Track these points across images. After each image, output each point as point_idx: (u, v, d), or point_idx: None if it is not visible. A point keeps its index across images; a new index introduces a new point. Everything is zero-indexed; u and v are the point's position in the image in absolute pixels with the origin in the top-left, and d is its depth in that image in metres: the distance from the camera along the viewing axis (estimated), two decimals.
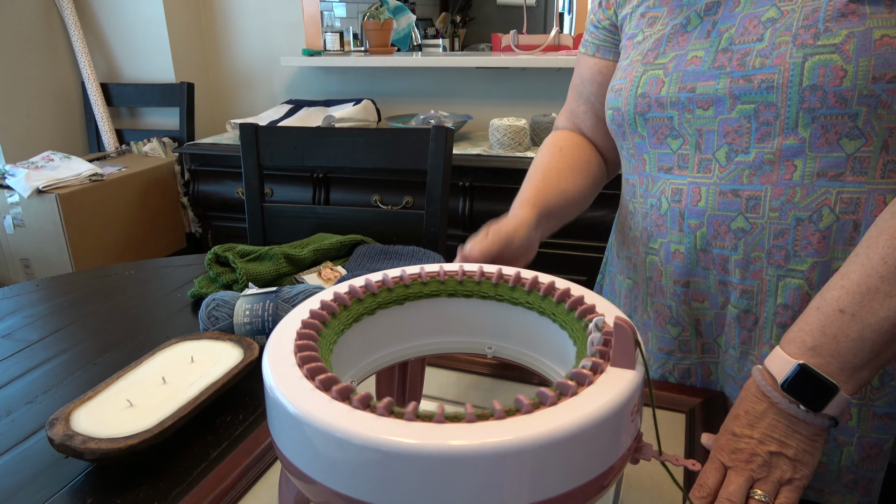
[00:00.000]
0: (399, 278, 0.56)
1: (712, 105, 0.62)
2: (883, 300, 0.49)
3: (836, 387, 0.51)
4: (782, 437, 0.52)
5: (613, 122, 0.73)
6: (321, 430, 0.38)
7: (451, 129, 1.18)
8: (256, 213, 1.27)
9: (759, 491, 0.52)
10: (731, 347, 0.68)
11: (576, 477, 0.39)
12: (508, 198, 1.98)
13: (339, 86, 2.30)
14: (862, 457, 0.62)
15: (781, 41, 0.57)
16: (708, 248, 0.65)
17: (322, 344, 0.48)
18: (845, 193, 0.58)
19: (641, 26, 0.70)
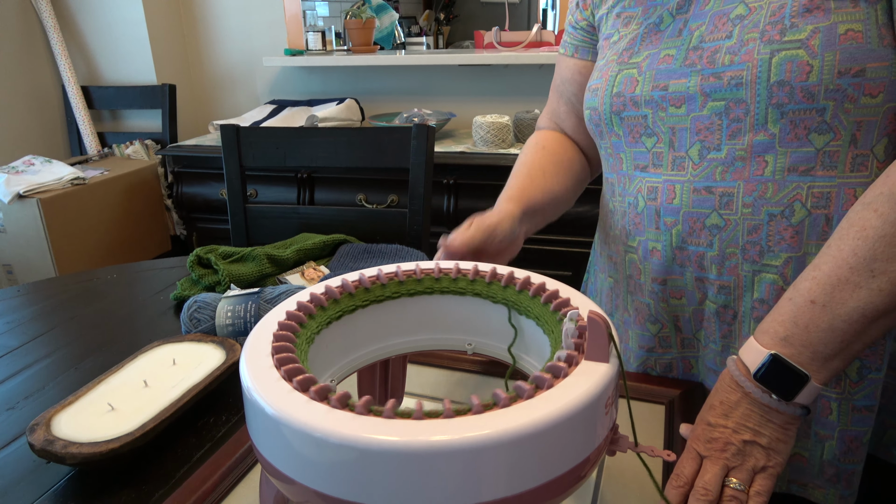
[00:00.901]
0: (376, 277, 0.56)
1: (684, 103, 0.62)
2: (853, 291, 0.50)
3: (808, 376, 0.51)
4: (756, 426, 0.53)
5: (591, 122, 0.73)
6: (299, 429, 0.38)
7: (433, 126, 1.19)
8: (239, 214, 1.27)
9: (734, 479, 0.52)
10: (711, 342, 0.68)
11: (552, 468, 0.40)
12: (493, 194, 1.99)
13: (322, 85, 2.29)
14: (843, 450, 0.63)
15: (749, 38, 0.57)
16: (684, 245, 0.66)
17: (299, 345, 0.48)
18: (816, 188, 0.58)
19: (617, 26, 0.71)
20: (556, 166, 0.79)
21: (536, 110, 1.96)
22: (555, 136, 0.85)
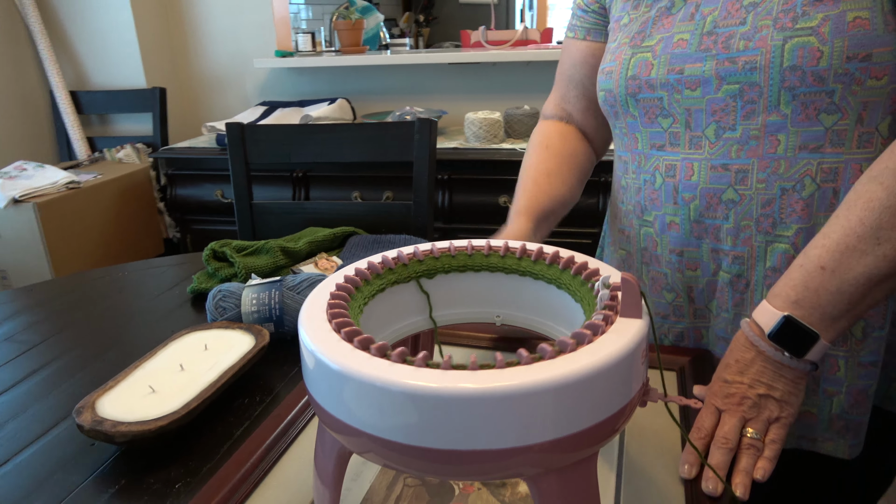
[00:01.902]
0: (412, 255, 0.60)
1: (700, 86, 0.67)
2: (860, 258, 0.55)
3: (818, 335, 0.56)
4: (769, 381, 0.57)
5: (606, 103, 0.77)
6: (366, 382, 0.42)
7: (435, 121, 1.22)
8: (245, 211, 1.29)
9: (750, 430, 0.57)
10: (723, 311, 0.73)
11: (595, 415, 0.44)
12: (487, 189, 2.05)
13: (313, 86, 2.32)
14: (850, 403, 0.68)
15: (763, 24, 0.62)
16: (701, 219, 0.70)
17: (351, 313, 0.52)
18: (825, 164, 0.63)
19: (627, 9, 0.75)
20: (560, 166, 0.83)
21: (526, 106, 2.01)
22: (559, 131, 0.87)
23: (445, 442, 0.42)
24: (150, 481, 0.61)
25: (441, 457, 0.43)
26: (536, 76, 2.13)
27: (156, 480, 0.61)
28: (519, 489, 0.57)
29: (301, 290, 0.86)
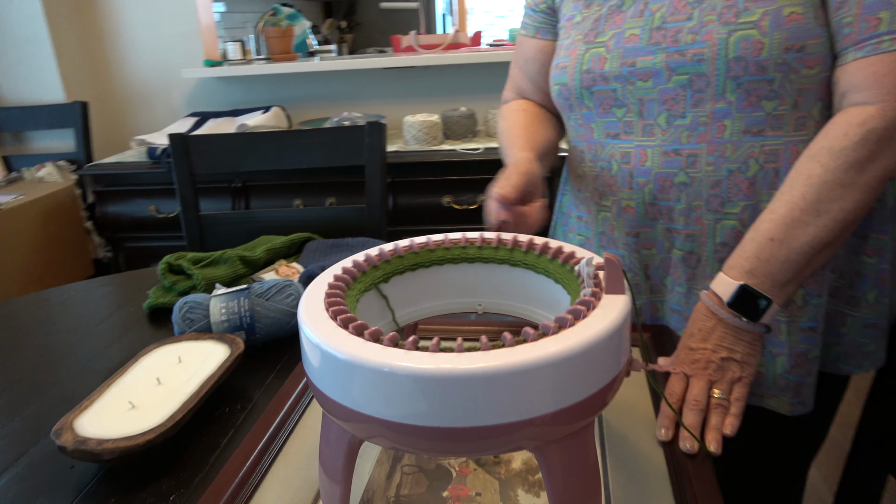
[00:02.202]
0: (394, 251, 0.62)
1: (651, 77, 0.72)
2: (804, 228, 0.61)
3: (770, 300, 0.62)
4: (730, 345, 0.63)
5: (560, 97, 0.82)
6: (379, 369, 0.44)
7: (384, 124, 1.24)
8: (193, 223, 1.27)
9: (716, 391, 0.62)
10: (677, 286, 0.78)
11: (590, 386, 0.47)
12: (430, 190, 2.08)
13: (244, 95, 2.28)
14: (792, 364, 0.74)
15: (708, 19, 0.67)
16: (655, 201, 0.75)
17: (349, 306, 0.53)
18: (767, 146, 0.69)
19: (579, 8, 0.80)
20: (541, 121, 0.87)
21: (462, 108, 2.05)
22: (527, 102, 0.92)
23: (454, 420, 0.44)
24: (142, 496, 0.60)
25: (450, 435, 0.45)
26: (470, 78, 2.18)
27: (148, 495, 0.61)
28: (512, 466, 0.60)
29: (270, 297, 0.87)
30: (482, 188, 1.85)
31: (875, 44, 0.61)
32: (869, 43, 0.62)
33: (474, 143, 1.95)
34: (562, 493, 0.48)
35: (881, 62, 0.61)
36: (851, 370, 0.79)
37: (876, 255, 0.74)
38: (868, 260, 0.74)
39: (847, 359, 0.78)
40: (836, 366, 0.78)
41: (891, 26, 0.60)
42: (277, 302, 0.86)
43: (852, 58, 0.63)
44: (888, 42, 0.61)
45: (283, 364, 0.83)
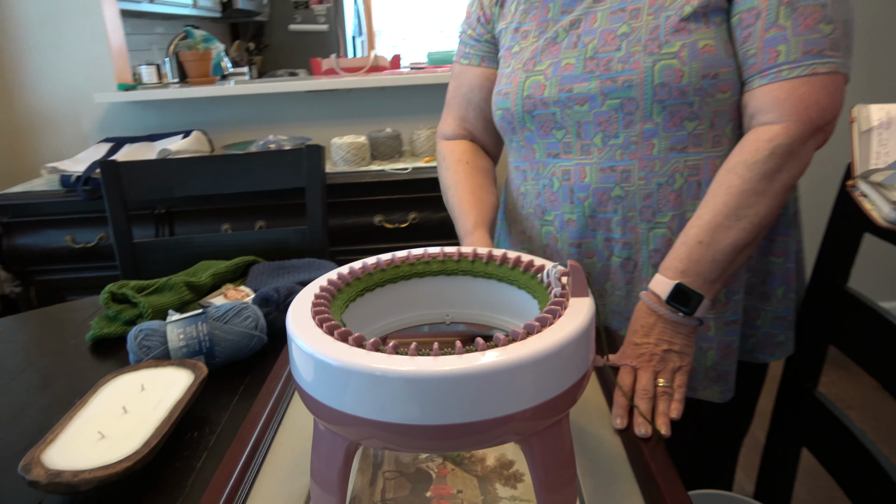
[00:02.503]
0: (375, 264, 0.66)
1: (587, 101, 0.79)
2: (727, 232, 0.70)
3: (702, 296, 0.70)
4: (670, 338, 0.71)
5: (503, 120, 0.88)
6: (371, 374, 0.47)
7: (322, 147, 1.27)
8: (127, 251, 1.24)
9: (661, 380, 0.70)
10: (617, 290, 0.86)
11: (565, 382, 0.53)
12: (360, 210, 2.12)
13: (159, 119, 2.22)
14: (720, 356, 0.84)
15: (635, 50, 0.76)
16: (594, 214, 0.83)
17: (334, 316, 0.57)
18: (690, 161, 0.78)
19: (517, 39, 0.87)
20: (485, 179, 0.93)
21: (388, 129, 2.10)
22: (467, 146, 0.98)
23: (446, 418, 0.48)
24: None
25: (442, 432, 0.49)
26: (393, 100, 2.23)
27: None
28: (487, 463, 0.65)
29: (228, 320, 0.87)
30: (412, 207, 1.90)
31: (776, 72, 0.72)
32: (771, 72, 0.72)
33: (401, 163, 2.00)
34: (544, 478, 0.54)
35: (781, 88, 0.71)
36: (767, 358, 0.89)
37: (782, 256, 0.84)
38: (776, 260, 0.84)
39: (762, 348, 0.88)
40: (754, 355, 0.89)
41: (788, 57, 0.71)
42: (236, 325, 0.87)
43: (758, 84, 0.73)
44: (786, 71, 0.71)
45: (245, 385, 0.84)
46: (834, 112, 0.72)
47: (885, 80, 2.21)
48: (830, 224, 0.87)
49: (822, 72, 0.70)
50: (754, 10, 0.72)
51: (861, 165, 0.62)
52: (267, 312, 0.94)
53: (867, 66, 2.18)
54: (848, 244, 0.85)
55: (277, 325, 0.95)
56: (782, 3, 0.71)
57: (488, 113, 0.95)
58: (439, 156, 0.99)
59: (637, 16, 0.76)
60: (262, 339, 0.89)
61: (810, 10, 0.70)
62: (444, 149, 0.99)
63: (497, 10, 0.91)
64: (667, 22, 0.75)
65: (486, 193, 0.91)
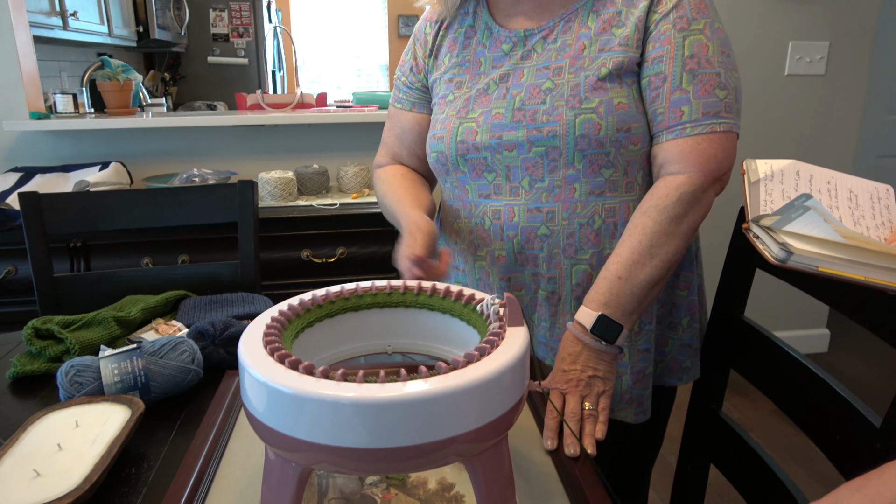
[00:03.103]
0: (325, 296, 0.69)
1: (515, 148, 0.86)
2: (641, 268, 0.78)
3: (622, 326, 0.78)
4: (594, 365, 0.78)
5: (438, 162, 0.94)
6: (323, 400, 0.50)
7: (255, 182, 1.28)
8: (47, 286, 1.20)
9: (587, 403, 0.76)
10: (542, 321, 0.92)
11: (503, 405, 0.58)
12: (288, 245, 2.14)
13: (74, 149, 2.15)
14: (634, 381, 0.91)
15: (558, 104, 0.84)
16: (523, 250, 0.89)
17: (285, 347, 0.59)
18: (607, 204, 0.86)
19: (451, 88, 0.93)
20: (419, 185, 0.99)
21: (315, 164, 2.12)
22: (402, 168, 1.04)
23: (394, 441, 0.52)
24: None
25: (391, 455, 0.53)
26: (320, 137, 2.26)
27: None
28: (429, 486, 0.68)
29: (164, 355, 0.87)
30: (340, 241, 1.92)
31: (680, 129, 0.82)
32: (676, 128, 0.82)
33: (329, 198, 2.03)
34: (487, 495, 0.58)
35: (686, 143, 0.81)
36: (675, 382, 0.98)
37: (686, 289, 0.94)
38: (681, 293, 0.94)
39: (671, 373, 0.97)
40: (664, 379, 0.97)
41: (690, 117, 0.81)
42: (172, 359, 0.87)
43: (665, 139, 0.83)
44: (690, 128, 0.81)
45: (182, 420, 0.84)
46: (729, 164, 0.83)
47: (765, 138, 2.46)
48: (727, 261, 0.98)
49: (719, 130, 0.81)
50: (661, 75, 0.82)
51: (752, 211, 0.72)
52: (203, 346, 0.95)
53: (750, 125, 2.42)
54: (743, 279, 0.95)
55: (214, 359, 0.95)
56: (685, 70, 0.81)
57: (419, 152, 1.02)
58: (376, 179, 1.04)
59: (560, 73, 0.85)
60: (199, 373, 0.89)
61: (707, 77, 0.81)
62: (380, 172, 1.05)
63: (431, 62, 0.98)
64: (586, 80, 0.83)
65: (421, 192, 0.97)
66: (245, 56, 5.04)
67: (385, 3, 6.16)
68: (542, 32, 0.88)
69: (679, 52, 0.81)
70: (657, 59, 0.82)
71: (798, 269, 0.66)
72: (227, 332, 0.96)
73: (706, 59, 0.81)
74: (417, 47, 1.00)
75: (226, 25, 4.93)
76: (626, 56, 0.83)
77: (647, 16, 0.83)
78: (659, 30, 0.82)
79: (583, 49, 0.85)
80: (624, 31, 0.83)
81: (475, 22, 0.94)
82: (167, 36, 4.27)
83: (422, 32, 1.00)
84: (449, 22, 0.97)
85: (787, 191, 0.73)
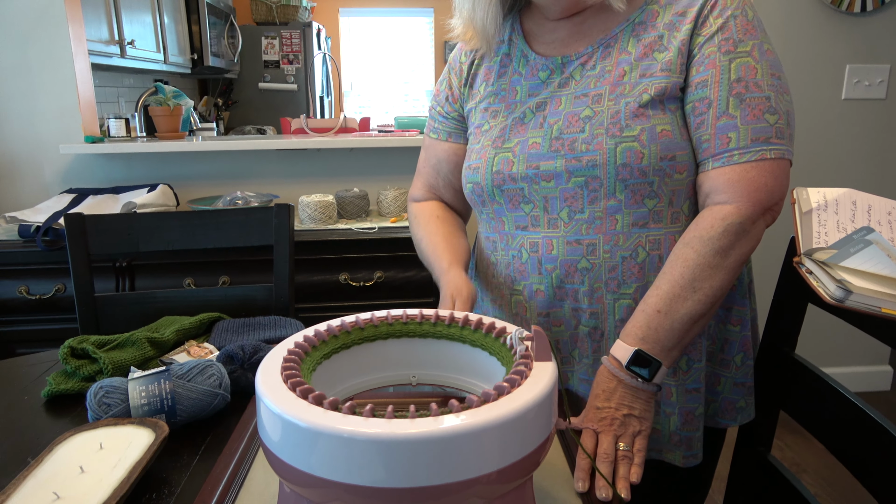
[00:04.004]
0: (341, 326, 0.67)
1: (553, 178, 0.84)
2: (683, 302, 0.74)
3: (660, 363, 0.74)
4: (630, 403, 0.73)
5: (474, 194, 0.92)
6: (339, 436, 0.48)
7: (291, 206, 1.29)
8: (88, 305, 1.22)
9: (622, 444, 0.72)
10: (584, 357, 0.88)
11: (529, 445, 0.54)
12: (327, 268, 2.14)
13: (125, 172, 2.22)
14: (683, 422, 0.86)
15: (598, 133, 0.81)
16: (562, 284, 0.86)
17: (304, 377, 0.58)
18: (651, 236, 0.82)
19: (486, 118, 0.91)
20: (455, 230, 0.97)
21: (355, 189, 2.13)
22: (437, 205, 1.02)
23: (411, 481, 0.49)
24: None
25: (408, 495, 0.50)
26: (361, 161, 2.27)
27: None
28: None
29: (191, 378, 0.87)
30: (377, 265, 1.92)
31: (728, 157, 0.77)
32: (723, 156, 0.78)
33: (368, 222, 2.03)
34: None
35: (734, 171, 0.77)
36: (728, 423, 0.92)
37: (739, 324, 0.88)
38: (733, 328, 0.89)
39: (724, 413, 0.91)
40: (716, 420, 0.91)
41: (738, 144, 0.77)
42: (199, 383, 0.87)
43: (711, 167, 0.79)
44: (737, 156, 0.77)
45: (206, 445, 0.83)
46: (781, 194, 0.78)
47: (820, 166, 2.36)
48: (777, 294, 0.92)
49: (769, 157, 0.76)
50: (706, 100, 0.78)
51: (804, 244, 0.67)
52: (231, 370, 0.94)
53: (804, 152, 2.33)
54: (794, 314, 0.89)
55: (242, 384, 0.95)
56: (731, 94, 0.77)
57: (455, 183, 1.00)
58: (411, 215, 1.03)
59: (599, 101, 0.82)
60: (226, 397, 0.89)
61: (756, 101, 0.76)
62: (416, 208, 1.03)
63: (466, 91, 0.97)
64: (627, 107, 0.80)
65: (458, 239, 0.95)
66: (294, 82, 5.17)
67: (432, 29, 6.25)
68: (581, 59, 0.86)
69: (725, 75, 0.77)
70: (702, 84, 0.79)
71: (858, 310, 0.61)
72: (256, 357, 0.95)
73: (754, 82, 0.77)
74: (452, 76, 0.99)
75: (277, 52, 5.07)
76: (670, 81, 0.79)
77: (691, 39, 0.79)
78: (703, 53, 0.78)
79: (623, 75, 0.82)
80: (666, 56, 0.80)
81: (511, 50, 0.93)
82: (221, 63, 4.41)
83: (457, 62, 0.99)
84: (483, 52, 0.95)
85: (842, 222, 0.68)
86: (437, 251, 0.92)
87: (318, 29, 5.20)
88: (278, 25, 5.04)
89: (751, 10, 0.79)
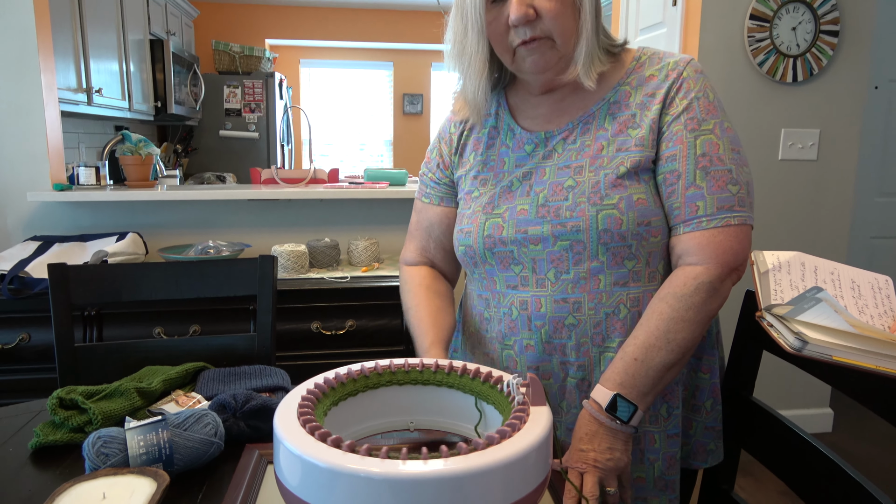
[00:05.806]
0: (347, 373, 0.72)
1: (541, 242, 0.91)
2: (657, 352, 0.82)
3: (637, 406, 0.81)
4: (610, 444, 0.80)
5: (466, 255, 0.98)
6: (356, 475, 0.53)
7: (275, 256, 1.33)
8: (68, 355, 1.22)
9: (610, 489, 0.78)
10: (572, 408, 0.94)
11: (531, 483, 0.60)
12: (298, 317, 2.17)
13: (92, 219, 2.21)
14: (666, 466, 0.93)
15: (580, 201, 0.89)
16: (551, 340, 0.92)
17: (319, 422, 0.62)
18: (631, 294, 0.90)
19: (476, 185, 0.99)
20: (443, 303, 1.02)
21: (326, 238, 2.18)
22: (428, 272, 1.08)
23: None
24: None
25: None
26: (331, 211, 2.33)
27: None
28: None
29: (188, 427, 0.89)
30: (349, 314, 1.95)
31: (697, 223, 0.87)
32: (693, 222, 0.87)
33: (339, 271, 2.07)
34: None
35: (703, 236, 0.86)
36: (700, 465, 0.99)
37: (709, 372, 0.97)
38: (703, 376, 0.97)
39: (696, 456, 0.98)
40: (689, 462, 0.98)
41: (706, 211, 0.86)
42: (196, 432, 0.89)
43: (682, 231, 0.88)
44: (706, 222, 0.86)
45: (203, 493, 0.85)
46: (745, 255, 0.87)
47: (759, 219, 2.54)
48: (735, 342, 1.01)
49: (733, 223, 0.86)
50: (675, 172, 0.88)
51: (764, 300, 0.76)
52: (224, 419, 0.96)
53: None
54: (751, 360, 0.98)
55: (234, 433, 0.97)
56: (698, 167, 0.87)
57: (447, 244, 1.06)
58: (402, 279, 1.08)
59: (580, 172, 0.91)
60: (220, 446, 0.91)
61: (720, 174, 0.86)
62: (406, 273, 1.08)
63: (456, 159, 1.05)
64: (605, 178, 0.89)
65: (444, 315, 1.00)
66: (256, 130, 5.21)
67: (391, 82, 6.43)
68: (562, 134, 0.95)
69: (691, 150, 0.87)
70: (671, 158, 0.88)
71: (813, 358, 0.70)
72: (248, 406, 0.98)
73: (717, 156, 0.87)
74: (443, 146, 1.07)
75: (238, 101, 5.13)
76: (643, 155, 0.89)
77: (660, 117, 0.89)
78: (671, 130, 0.88)
79: (601, 149, 0.91)
80: (639, 132, 0.90)
81: (497, 123, 1.01)
82: (183, 111, 4.43)
83: (447, 132, 1.07)
84: (473, 123, 1.04)
85: (794, 280, 0.78)
86: (421, 326, 0.97)
87: (281, 79, 5.29)
88: (241, 75, 5.11)
89: (712, 92, 0.90)
